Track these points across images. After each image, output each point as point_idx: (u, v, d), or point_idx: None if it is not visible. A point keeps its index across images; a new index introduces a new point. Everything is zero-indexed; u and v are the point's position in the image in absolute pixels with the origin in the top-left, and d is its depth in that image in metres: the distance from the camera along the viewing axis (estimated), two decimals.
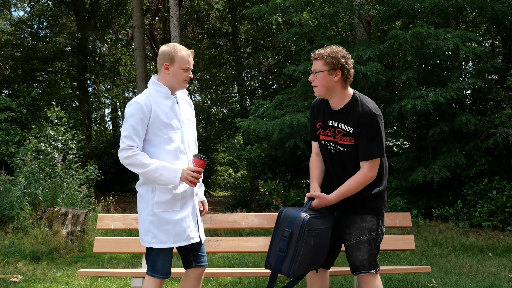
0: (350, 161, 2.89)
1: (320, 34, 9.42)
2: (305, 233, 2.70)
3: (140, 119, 2.83)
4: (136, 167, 2.83)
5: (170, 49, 2.94)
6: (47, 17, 17.53)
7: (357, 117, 2.82)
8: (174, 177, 2.82)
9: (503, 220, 8.03)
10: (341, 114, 2.91)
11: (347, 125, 2.86)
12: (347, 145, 2.88)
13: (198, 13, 19.21)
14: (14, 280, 5.10)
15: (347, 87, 2.95)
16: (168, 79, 2.95)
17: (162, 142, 2.88)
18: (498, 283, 4.72)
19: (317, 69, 2.89)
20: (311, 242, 2.73)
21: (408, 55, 8.69)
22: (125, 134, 2.84)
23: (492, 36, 13.39)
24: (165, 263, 2.90)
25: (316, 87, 2.91)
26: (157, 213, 2.89)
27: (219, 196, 17.72)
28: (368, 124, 2.80)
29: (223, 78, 18.79)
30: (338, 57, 2.86)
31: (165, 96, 2.95)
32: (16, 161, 8.31)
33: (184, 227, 2.91)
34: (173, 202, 2.90)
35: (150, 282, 2.89)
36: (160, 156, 2.87)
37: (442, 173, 8.20)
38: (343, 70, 2.87)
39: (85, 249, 6.95)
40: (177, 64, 2.92)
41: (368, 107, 2.84)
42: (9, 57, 16.39)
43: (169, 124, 2.88)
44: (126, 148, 2.82)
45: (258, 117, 9.38)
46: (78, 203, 8.04)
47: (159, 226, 2.88)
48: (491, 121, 8.33)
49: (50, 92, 16.35)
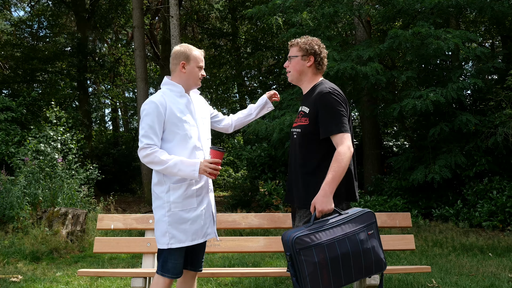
0: (301, 144, 2.86)
1: (320, 34, 9.42)
2: (300, 252, 2.57)
3: (156, 117, 2.87)
4: (156, 165, 2.86)
5: (184, 49, 3.04)
6: (47, 17, 17.54)
7: (314, 97, 2.84)
8: (192, 170, 2.84)
9: (503, 220, 8.03)
10: (305, 97, 2.98)
11: (306, 106, 2.90)
12: (302, 125, 2.88)
13: (198, 13, 19.21)
14: (14, 280, 5.10)
15: (319, 75, 3.00)
16: (184, 78, 3.03)
17: (179, 138, 2.92)
18: (498, 283, 4.72)
19: (291, 54, 2.99)
20: (313, 260, 2.55)
21: (408, 55, 8.69)
22: (142, 133, 2.89)
23: (492, 36, 13.39)
24: (176, 263, 2.90)
25: (290, 72, 3.00)
26: (174, 213, 2.91)
27: (219, 196, 17.70)
28: (322, 102, 2.78)
29: (223, 78, 18.79)
30: (313, 44, 2.95)
31: (180, 94, 3.01)
32: (16, 161, 8.31)
33: (202, 224, 2.95)
34: (189, 200, 2.93)
35: (159, 281, 2.90)
36: (177, 152, 2.91)
37: (442, 173, 8.21)
38: (316, 56, 2.95)
39: (85, 249, 6.95)
40: (193, 63, 3.01)
41: (325, 87, 2.85)
42: (9, 57, 16.41)
43: (185, 120, 2.93)
44: (145, 147, 2.87)
45: None
46: (78, 203, 8.05)
47: (177, 226, 2.89)
48: (491, 121, 8.33)
49: (50, 92, 16.36)
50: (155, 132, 2.88)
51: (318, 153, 2.80)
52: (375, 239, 2.69)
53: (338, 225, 2.64)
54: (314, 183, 2.76)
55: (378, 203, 8.90)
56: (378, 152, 10.84)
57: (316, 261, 2.54)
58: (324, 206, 2.66)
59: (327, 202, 2.66)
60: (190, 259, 3.06)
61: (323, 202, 2.66)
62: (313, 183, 2.77)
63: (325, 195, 2.66)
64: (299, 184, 2.85)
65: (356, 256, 2.61)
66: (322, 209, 2.66)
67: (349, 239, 2.62)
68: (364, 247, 2.63)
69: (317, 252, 2.55)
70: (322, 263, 2.54)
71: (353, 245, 2.61)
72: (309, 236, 2.58)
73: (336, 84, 3.28)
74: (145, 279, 3.54)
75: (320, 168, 2.77)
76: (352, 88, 9.72)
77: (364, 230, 2.67)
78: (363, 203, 8.94)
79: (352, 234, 2.63)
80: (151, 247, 3.85)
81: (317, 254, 2.55)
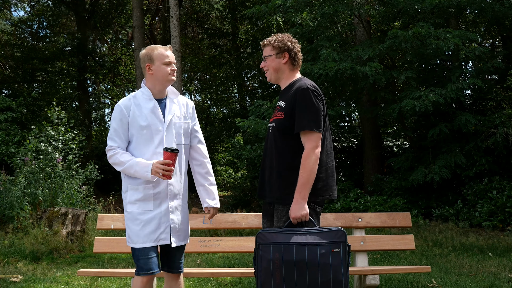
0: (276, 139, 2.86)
1: (320, 34, 9.42)
2: (260, 246, 2.66)
3: (120, 120, 2.97)
4: (117, 166, 2.98)
5: (147, 51, 3.06)
6: (47, 17, 17.53)
7: (293, 93, 2.86)
8: (145, 171, 2.89)
9: (503, 220, 8.03)
10: (283, 93, 2.99)
11: (283, 101, 2.92)
12: (277, 119, 2.89)
13: (198, 13, 19.21)
14: (14, 280, 5.10)
15: (296, 70, 3.02)
16: (154, 78, 3.03)
17: (140, 142, 2.98)
18: (498, 283, 4.72)
19: (265, 54, 3.01)
20: (268, 256, 2.62)
21: (408, 55, 8.70)
22: (108, 136, 3.01)
23: (492, 36, 13.39)
24: (146, 260, 2.90)
25: (268, 71, 3.01)
26: (130, 213, 2.97)
27: (219, 196, 17.71)
28: (300, 97, 2.80)
29: (223, 78, 18.78)
30: (285, 41, 2.97)
31: (148, 98, 3.03)
32: (16, 161, 8.31)
33: (154, 228, 2.92)
34: (145, 202, 2.95)
35: (136, 281, 2.91)
36: (139, 155, 2.98)
37: (442, 173, 8.20)
38: (290, 52, 2.97)
39: (85, 249, 6.95)
40: (157, 61, 3.01)
41: (304, 83, 2.87)
42: (9, 57, 16.40)
43: (146, 126, 2.95)
44: (108, 149, 3.00)
45: (258, 117, 9.38)
46: (78, 203, 8.05)
47: (131, 226, 2.95)
48: (491, 121, 8.33)
49: (50, 92, 16.35)
50: (119, 134, 2.98)
51: (293, 147, 2.82)
52: (339, 258, 2.65)
53: (304, 234, 2.68)
54: (289, 178, 2.80)
55: (378, 203, 8.91)
56: (378, 152, 10.83)
57: (270, 259, 2.61)
58: (297, 213, 2.72)
59: (300, 209, 2.72)
60: (166, 260, 3.05)
61: (296, 209, 2.73)
62: (287, 178, 2.81)
63: (296, 203, 2.73)
64: (273, 179, 2.86)
65: (312, 267, 2.61)
66: (295, 215, 2.73)
67: (309, 249, 2.63)
68: (323, 261, 2.62)
69: (273, 250, 2.62)
70: (276, 263, 2.60)
71: (311, 255, 2.62)
72: (271, 234, 2.67)
73: (336, 84, 3.32)
74: None
75: (294, 163, 2.80)
76: (352, 88, 9.72)
77: (328, 245, 2.65)
78: (363, 203, 8.95)
79: (313, 246, 2.64)
80: None
81: (273, 252, 2.62)
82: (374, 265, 5.76)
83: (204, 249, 3.95)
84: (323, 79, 8.42)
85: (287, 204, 2.79)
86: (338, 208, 8.94)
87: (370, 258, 6.10)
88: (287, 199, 2.79)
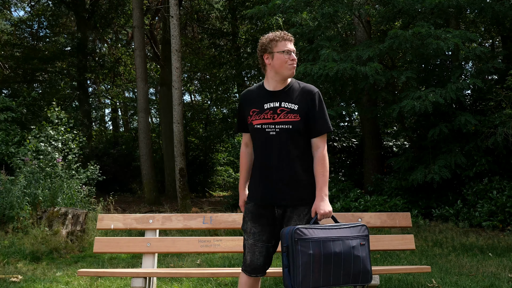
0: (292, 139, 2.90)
1: (320, 34, 9.42)
2: (298, 242, 2.71)
3: None
4: None
5: None
6: (47, 17, 17.54)
7: (302, 95, 2.92)
8: None
9: (503, 220, 8.04)
10: (284, 94, 2.97)
11: (291, 103, 2.93)
12: (292, 121, 2.89)
13: (198, 13, 19.21)
14: (14, 280, 5.10)
15: None
16: None
17: None
18: (498, 283, 4.72)
19: (295, 49, 3.00)
20: (308, 251, 2.70)
21: (408, 55, 8.70)
22: None
23: (492, 36, 13.39)
24: None
25: (295, 66, 3.01)
26: None
27: (219, 196, 17.71)
28: (319, 100, 2.92)
29: (223, 78, 18.78)
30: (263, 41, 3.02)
31: None
32: (16, 161, 8.31)
33: None
34: None
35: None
36: None
37: (442, 173, 8.20)
38: None
39: (85, 249, 6.95)
40: None
41: (309, 85, 2.99)
42: (9, 57, 16.41)
43: None
44: None
45: None
46: (78, 203, 8.05)
47: None
48: (491, 121, 8.33)
49: (50, 92, 16.36)
50: None
51: (308, 149, 2.96)
52: (365, 251, 2.84)
53: (335, 229, 2.81)
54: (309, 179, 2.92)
55: (378, 203, 8.90)
56: (378, 152, 10.83)
57: (311, 253, 2.70)
58: (325, 209, 2.85)
59: (326, 205, 2.86)
60: None
61: (323, 206, 2.85)
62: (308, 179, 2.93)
63: (322, 200, 2.86)
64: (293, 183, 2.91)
65: (347, 259, 2.76)
66: (324, 212, 2.84)
67: (343, 243, 2.78)
68: (355, 254, 2.78)
69: (313, 245, 2.71)
70: (316, 257, 2.70)
71: (346, 248, 2.77)
72: (308, 230, 2.75)
73: (336, 84, 3.38)
74: (145, 279, 3.54)
75: (311, 164, 2.95)
76: (352, 88, 9.72)
77: (357, 239, 2.83)
78: (363, 203, 8.94)
79: (346, 239, 2.80)
80: (151, 247, 3.84)
81: (313, 247, 2.71)
82: (374, 265, 5.75)
83: (204, 249, 3.95)
84: (323, 79, 8.42)
85: (308, 203, 2.91)
86: (338, 208, 8.93)
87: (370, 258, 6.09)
88: (309, 199, 2.91)
